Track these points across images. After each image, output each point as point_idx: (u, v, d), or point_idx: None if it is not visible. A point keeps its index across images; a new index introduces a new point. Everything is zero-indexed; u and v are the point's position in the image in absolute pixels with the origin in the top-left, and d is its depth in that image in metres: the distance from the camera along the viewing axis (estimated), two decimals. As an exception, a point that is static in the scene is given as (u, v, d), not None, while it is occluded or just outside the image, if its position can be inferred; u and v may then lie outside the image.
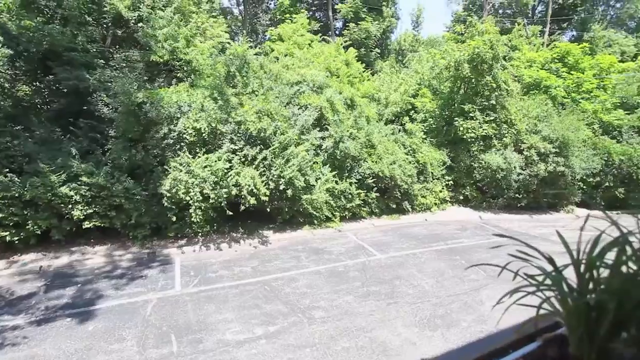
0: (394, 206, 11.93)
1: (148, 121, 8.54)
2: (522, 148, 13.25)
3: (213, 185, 8.39)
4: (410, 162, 12.11)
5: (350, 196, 10.84)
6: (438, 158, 12.88)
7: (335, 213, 10.79)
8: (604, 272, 0.72)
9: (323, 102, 11.06)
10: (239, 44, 10.77)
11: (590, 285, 0.68)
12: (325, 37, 18.30)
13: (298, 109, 10.89)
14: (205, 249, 8.75)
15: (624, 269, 0.69)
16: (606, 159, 14.15)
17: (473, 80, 13.34)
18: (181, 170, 8.34)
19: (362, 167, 11.13)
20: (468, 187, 13.43)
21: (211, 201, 8.42)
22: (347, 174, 11.04)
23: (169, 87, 9.65)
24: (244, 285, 6.99)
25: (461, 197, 13.63)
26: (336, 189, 10.56)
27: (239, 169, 8.84)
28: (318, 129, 11.05)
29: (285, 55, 13.84)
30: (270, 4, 26.50)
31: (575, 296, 0.67)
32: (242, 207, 8.87)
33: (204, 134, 8.71)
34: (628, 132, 15.22)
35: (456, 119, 13.23)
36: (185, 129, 8.68)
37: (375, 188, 11.36)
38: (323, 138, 10.96)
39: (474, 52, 13.03)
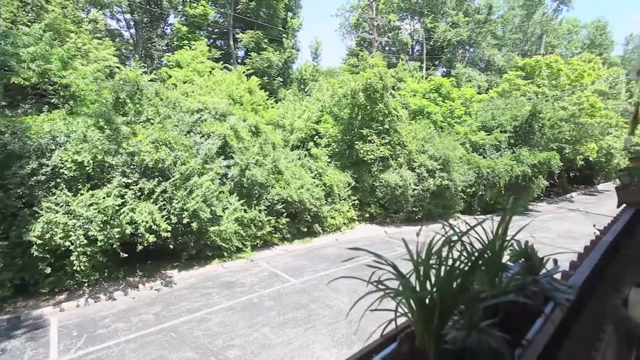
0: (305, 230, 12.09)
1: (8, 154, 7.10)
2: (414, 166, 14.91)
3: (101, 225, 7.32)
4: (317, 186, 12.52)
5: (260, 224, 10.62)
6: (343, 180, 13.62)
7: (246, 242, 10.41)
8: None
9: (227, 130, 10.81)
10: (131, 68, 9.95)
11: (428, 283, 0.77)
12: (227, 64, 18.22)
13: (200, 137, 10.42)
14: (93, 301, 7.47)
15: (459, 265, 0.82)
16: (477, 172, 16.84)
17: (368, 107, 14.68)
18: (58, 212, 7.09)
19: (271, 193, 11.07)
20: (372, 205, 14.44)
21: (99, 244, 7.30)
22: (255, 202, 10.84)
23: (38, 115, 8.28)
24: (145, 336, 6.14)
25: (367, 215, 14.55)
26: (245, 218, 10.24)
27: (133, 204, 7.93)
28: (223, 157, 10.70)
29: (185, 82, 13.27)
30: (167, 29, 25.40)
31: (413, 294, 0.75)
32: (140, 247, 7.92)
33: (87, 168, 7.61)
34: (489, 149, 18.47)
35: (356, 142, 14.30)
36: (62, 163, 7.46)
37: (285, 213, 11.37)
38: (228, 166, 10.64)
39: (367, 82, 14.44)
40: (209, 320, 6.74)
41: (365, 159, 14.07)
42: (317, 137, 15.12)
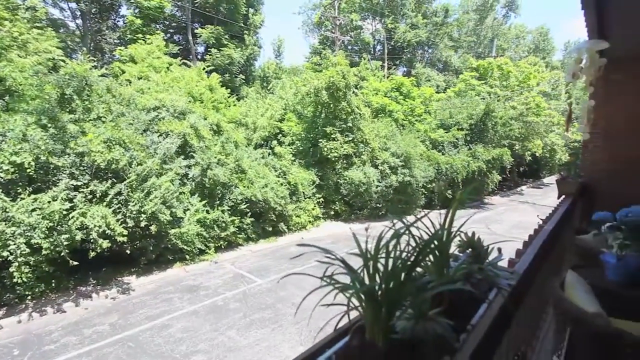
0: (270, 229, 11.95)
1: None
2: (377, 163, 15.22)
3: (47, 232, 6.76)
4: (282, 184, 12.42)
5: (224, 224, 10.34)
6: (308, 178, 13.62)
7: (210, 244, 10.10)
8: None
9: (186, 129, 10.40)
10: (78, 62, 9.25)
11: (377, 277, 0.79)
12: (186, 61, 17.47)
13: (158, 136, 9.93)
14: (38, 315, 6.89)
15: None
16: (437, 168, 17.54)
17: (331, 105, 14.77)
18: (-6, 218, 6.45)
19: (234, 193, 10.82)
20: (337, 203, 14.58)
21: (45, 252, 6.74)
22: (218, 202, 10.54)
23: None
24: (100, 348, 5.76)
25: (332, 213, 14.67)
26: (208, 219, 9.93)
27: (84, 208, 7.40)
28: (183, 157, 10.29)
29: (140, 79, 12.56)
30: (119, 21, 23.87)
31: (360, 288, 0.76)
32: (93, 254, 7.41)
33: (29, 170, 6.98)
34: (448, 146, 19.31)
35: (320, 140, 14.34)
36: (-3, 165, 6.79)
37: (250, 213, 11.17)
38: (189, 166, 10.25)
39: (330, 80, 14.51)
40: (171, 327, 6.47)
41: (329, 156, 14.16)
42: (280, 135, 14.99)
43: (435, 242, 0.99)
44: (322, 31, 34.64)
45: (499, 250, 1.29)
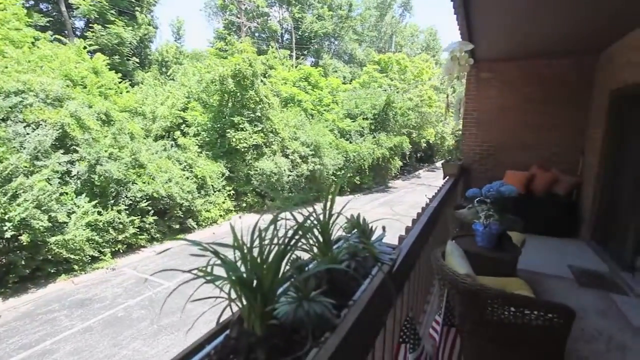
0: (178, 226, 11.10)
1: None
2: (287, 153, 15.27)
3: None
4: (188, 178, 11.58)
5: (121, 226, 9.22)
6: (216, 170, 12.97)
7: (105, 250, 8.93)
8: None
9: (65, 118, 8.88)
10: None
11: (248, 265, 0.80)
12: (60, 36, 14.75)
13: (25, 127, 8.27)
14: None
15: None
16: (345, 156, 18.42)
17: (239, 94, 14.21)
18: None
19: (132, 190, 9.70)
20: (249, 194, 14.25)
21: None
22: (113, 201, 9.34)
23: None
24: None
25: (244, 205, 14.30)
26: (100, 221, 8.74)
27: None
28: (63, 151, 8.78)
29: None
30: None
31: (231, 277, 0.76)
32: None
33: None
34: (355, 135, 20.42)
35: (228, 130, 13.73)
36: None
37: (153, 211, 10.17)
38: (72, 162, 8.82)
39: (236, 68, 13.91)
40: (57, 351, 5.57)
41: (239, 147, 13.69)
42: (184, 125, 13.89)
43: (319, 227, 1.03)
44: (226, 15, 32.89)
45: (383, 228, 1.39)
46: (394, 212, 13.86)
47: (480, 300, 2.15)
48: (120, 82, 13.93)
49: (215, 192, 12.76)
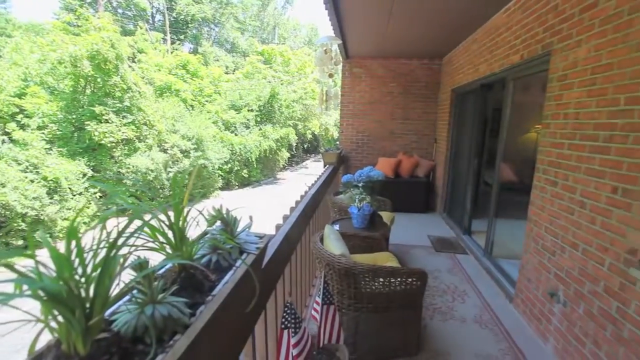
0: (21, 242, 8.99)
1: None
2: (166, 147, 13.89)
3: None
4: (33, 181, 9.44)
5: None
6: (75, 170, 10.90)
7: None
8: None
9: None
10: None
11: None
12: None
13: None
14: None
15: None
16: (231, 149, 17.76)
17: (99, 80, 12.17)
18: None
19: (-57, 200, 7.39)
20: (122, 196, 12.47)
21: None
22: None
23: None
24: None
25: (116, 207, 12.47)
26: None
27: None
28: None
29: None
30: None
31: (32, 292, 0.60)
32: None
33: None
34: (240, 127, 19.86)
35: (88, 122, 11.64)
36: None
37: (-21, 226, 7.98)
38: None
39: (93, 48, 11.83)
40: None
41: (104, 142, 11.79)
42: (21, 116, 11.20)
43: (166, 222, 0.96)
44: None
45: (250, 217, 1.36)
46: (282, 203, 14.05)
47: (354, 277, 2.40)
48: None
49: (75, 195, 10.73)
